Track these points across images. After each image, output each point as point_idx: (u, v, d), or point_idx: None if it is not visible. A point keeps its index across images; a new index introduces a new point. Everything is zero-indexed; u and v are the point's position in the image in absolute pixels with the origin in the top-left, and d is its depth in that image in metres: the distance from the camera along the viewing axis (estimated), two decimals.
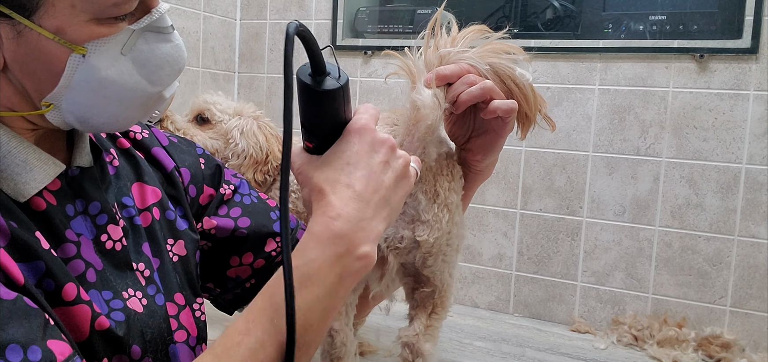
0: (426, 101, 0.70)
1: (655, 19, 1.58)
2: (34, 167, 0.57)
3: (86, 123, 0.59)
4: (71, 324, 0.56)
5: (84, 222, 0.62)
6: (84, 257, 0.60)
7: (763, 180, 1.50)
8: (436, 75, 0.73)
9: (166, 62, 0.59)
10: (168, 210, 0.73)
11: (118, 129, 0.63)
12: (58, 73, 0.54)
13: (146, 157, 0.75)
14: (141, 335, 0.62)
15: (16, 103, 0.56)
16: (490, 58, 0.75)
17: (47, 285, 0.55)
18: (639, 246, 1.63)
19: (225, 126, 1.34)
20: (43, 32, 0.52)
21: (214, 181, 0.82)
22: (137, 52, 0.57)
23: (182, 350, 0.67)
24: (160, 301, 0.66)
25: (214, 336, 1.53)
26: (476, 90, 0.72)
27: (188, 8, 1.87)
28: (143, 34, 0.57)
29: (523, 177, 1.73)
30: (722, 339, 1.49)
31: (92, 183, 0.64)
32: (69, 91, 0.55)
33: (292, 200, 1.26)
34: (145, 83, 0.58)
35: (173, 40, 0.60)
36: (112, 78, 0.55)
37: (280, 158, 1.29)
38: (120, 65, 0.56)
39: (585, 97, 1.65)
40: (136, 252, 0.67)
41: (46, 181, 0.58)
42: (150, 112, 0.62)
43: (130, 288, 0.64)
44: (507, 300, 1.78)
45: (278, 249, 0.82)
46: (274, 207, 0.85)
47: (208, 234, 0.79)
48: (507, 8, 1.73)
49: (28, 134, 0.59)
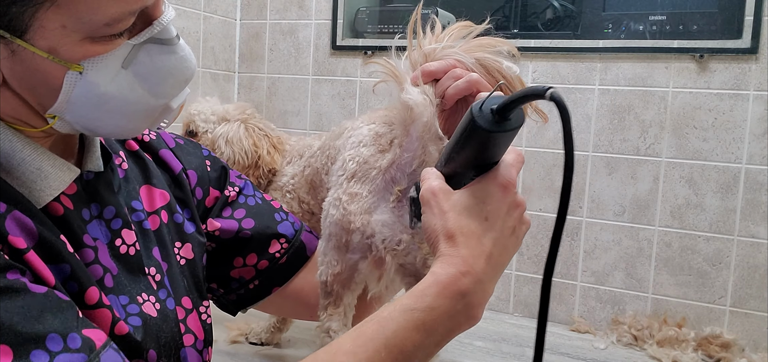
0: (417, 100, 0.70)
1: (655, 19, 1.58)
2: (49, 174, 0.57)
3: (93, 132, 0.59)
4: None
5: (99, 226, 0.62)
6: (102, 262, 0.60)
7: (762, 180, 1.50)
8: (423, 71, 0.72)
9: (169, 74, 0.57)
10: (176, 213, 0.73)
11: (126, 137, 0.62)
12: (56, 89, 0.53)
13: (154, 159, 0.75)
14: (156, 339, 0.62)
15: (25, 115, 0.56)
16: (476, 53, 0.75)
17: (71, 287, 0.55)
18: (639, 246, 1.63)
19: (210, 136, 1.30)
20: (36, 51, 0.51)
21: (220, 182, 0.82)
22: (139, 65, 0.55)
23: (191, 353, 0.67)
24: (171, 305, 0.67)
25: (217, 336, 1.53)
26: (462, 83, 0.72)
27: (188, 8, 1.87)
28: (144, 47, 0.55)
29: (523, 177, 1.73)
30: (722, 338, 1.49)
31: (107, 188, 0.64)
32: (70, 105, 0.54)
33: (287, 200, 1.26)
34: (148, 96, 0.57)
35: (178, 51, 0.58)
36: (112, 93, 0.55)
37: (269, 161, 1.28)
38: (120, 80, 0.55)
39: (585, 97, 1.65)
40: (147, 256, 0.67)
41: (62, 188, 0.58)
42: (157, 122, 0.61)
43: (144, 293, 0.64)
44: (507, 300, 1.78)
45: (282, 250, 0.82)
46: (279, 209, 0.85)
47: (212, 236, 0.79)
48: (507, 8, 1.73)
49: (43, 140, 0.59)
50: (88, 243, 0.60)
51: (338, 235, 0.76)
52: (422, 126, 0.71)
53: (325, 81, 1.97)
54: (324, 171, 1.06)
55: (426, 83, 0.73)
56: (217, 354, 1.36)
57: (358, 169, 0.77)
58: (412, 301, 0.54)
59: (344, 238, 0.76)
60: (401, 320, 0.54)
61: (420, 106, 0.70)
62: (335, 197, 0.77)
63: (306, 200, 1.23)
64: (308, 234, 0.87)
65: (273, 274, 0.83)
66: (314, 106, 1.99)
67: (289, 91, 2.03)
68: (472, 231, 0.56)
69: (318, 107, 1.99)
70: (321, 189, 1.12)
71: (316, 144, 1.17)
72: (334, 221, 0.77)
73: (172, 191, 0.74)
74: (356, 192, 0.76)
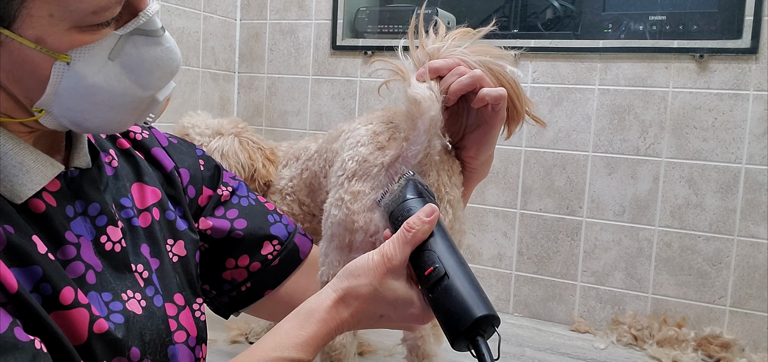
0: (424, 94, 0.70)
1: (655, 19, 1.58)
2: (31, 169, 0.57)
3: (80, 126, 0.58)
4: (69, 328, 0.56)
5: (84, 223, 0.62)
6: (84, 258, 0.60)
7: (762, 180, 1.50)
8: (429, 68, 0.73)
9: (156, 66, 0.58)
10: (168, 210, 0.73)
11: (113, 132, 0.62)
12: (43, 80, 0.53)
13: (146, 157, 0.75)
14: (140, 337, 0.62)
15: (10, 108, 0.56)
16: (480, 56, 0.76)
17: (44, 289, 0.55)
18: (639, 246, 1.63)
19: (205, 149, 1.29)
20: (24, 42, 0.51)
21: (213, 182, 0.82)
22: (125, 56, 0.56)
23: (182, 351, 0.67)
24: (159, 303, 0.66)
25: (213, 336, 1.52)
26: (466, 79, 0.72)
27: (188, 8, 1.87)
28: (131, 38, 0.56)
29: (523, 177, 1.73)
30: (722, 338, 1.49)
31: (92, 185, 0.64)
32: (57, 98, 0.55)
33: (288, 202, 1.26)
34: (136, 87, 0.57)
35: (164, 42, 0.58)
36: (99, 84, 0.55)
37: (264, 174, 1.28)
38: (107, 71, 0.55)
39: (585, 97, 1.65)
40: (135, 253, 0.67)
41: (44, 183, 0.58)
42: (144, 115, 0.61)
43: (129, 290, 0.64)
44: (507, 299, 1.78)
45: (274, 252, 0.82)
46: (272, 211, 0.85)
47: (204, 235, 0.79)
48: (507, 8, 1.73)
49: (26, 136, 0.59)
50: (71, 239, 0.60)
51: (341, 235, 0.76)
52: (430, 120, 0.71)
53: (325, 81, 1.97)
54: (322, 174, 1.06)
55: (432, 79, 0.73)
56: (218, 354, 1.36)
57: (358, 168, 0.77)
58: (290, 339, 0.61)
59: (347, 238, 0.76)
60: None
61: (427, 100, 0.70)
62: (337, 197, 0.77)
63: (306, 202, 1.23)
64: (302, 237, 0.86)
65: (265, 277, 0.82)
66: (314, 106, 1.99)
67: (289, 91, 2.03)
68: (364, 313, 0.63)
69: (318, 107, 1.99)
70: (320, 192, 1.12)
71: (313, 146, 1.17)
72: (336, 221, 0.77)
73: (164, 188, 0.74)
74: (359, 191, 0.76)
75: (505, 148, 1.72)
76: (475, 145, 0.81)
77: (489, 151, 0.82)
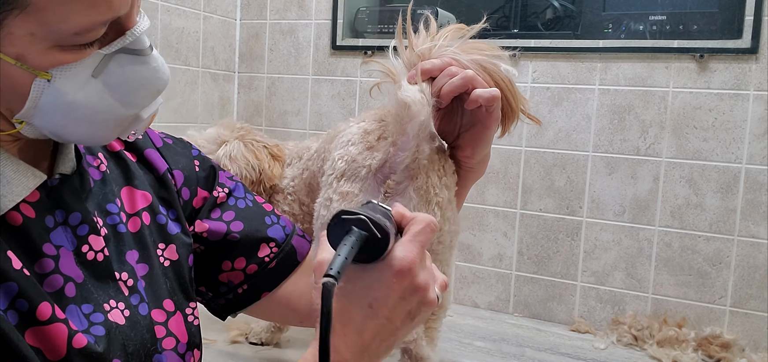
0: (414, 97, 0.70)
1: (655, 19, 1.58)
2: (12, 180, 0.56)
3: (61, 138, 0.58)
4: (47, 344, 0.54)
5: (64, 233, 0.61)
6: (62, 271, 0.59)
7: (763, 180, 1.50)
8: (420, 70, 0.72)
9: (141, 85, 0.57)
10: (159, 214, 0.72)
11: (93, 144, 0.60)
12: (23, 94, 0.52)
13: (139, 159, 0.74)
14: (123, 348, 0.61)
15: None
16: (473, 54, 0.75)
17: (21, 305, 0.54)
18: (639, 246, 1.63)
19: (213, 159, 1.30)
20: (4, 58, 0.50)
21: (208, 183, 0.81)
22: (109, 75, 0.54)
23: (170, 357, 0.65)
24: (144, 311, 0.65)
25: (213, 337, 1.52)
26: (458, 80, 0.71)
27: (188, 8, 1.87)
28: (116, 57, 0.54)
29: (523, 177, 1.73)
30: (722, 339, 1.49)
31: (72, 193, 0.62)
32: (38, 111, 0.53)
33: (288, 202, 1.26)
34: (118, 106, 0.56)
35: (150, 62, 0.57)
36: (80, 101, 0.54)
37: (270, 175, 1.27)
38: (89, 88, 0.54)
39: (585, 97, 1.65)
40: (120, 261, 0.65)
41: (24, 194, 0.57)
42: (127, 131, 0.60)
43: (112, 300, 0.62)
44: (507, 300, 1.78)
45: (271, 254, 0.80)
46: (270, 212, 0.84)
47: (200, 238, 0.78)
48: (507, 8, 1.73)
49: (11, 144, 0.57)
50: (49, 252, 0.58)
51: None
52: (419, 125, 0.71)
53: (325, 81, 1.97)
54: (320, 174, 1.05)
55: (423, 82, 0.72)
56: (217, 354, 1.36)
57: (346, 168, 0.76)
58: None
59: None
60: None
61: (417, 104, 0.70)
62: (326, 197, 0.76)
63: (306, 202, 1.23)
64: (300, 239, 0.85)
65: (262, 279, 0.81)
66: (314, 106, 1.99)
67: (289, 91, 2.03)
68: (351, 318, 0.54)
69: (318, 107, 1.99)
70: (318, 192, 1.12)
71: (314, 146, 1.17)
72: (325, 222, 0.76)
73: (156, 191, 0.73)
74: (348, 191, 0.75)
75: (505, 148, 1.72)
76: (470, 145, 0.80)
77: (485, 150, 0.82)
